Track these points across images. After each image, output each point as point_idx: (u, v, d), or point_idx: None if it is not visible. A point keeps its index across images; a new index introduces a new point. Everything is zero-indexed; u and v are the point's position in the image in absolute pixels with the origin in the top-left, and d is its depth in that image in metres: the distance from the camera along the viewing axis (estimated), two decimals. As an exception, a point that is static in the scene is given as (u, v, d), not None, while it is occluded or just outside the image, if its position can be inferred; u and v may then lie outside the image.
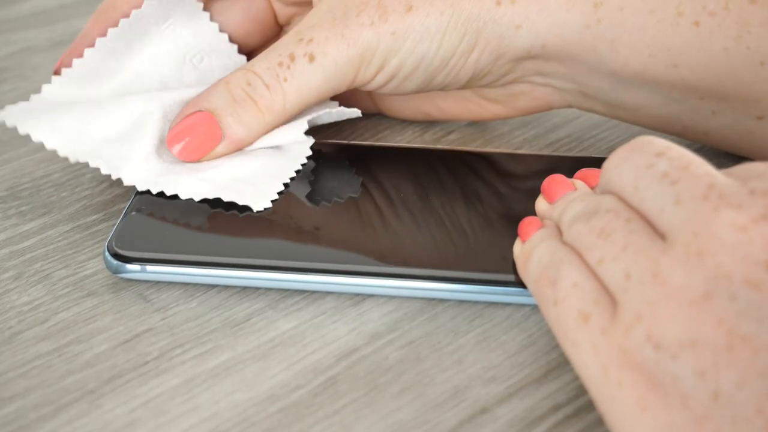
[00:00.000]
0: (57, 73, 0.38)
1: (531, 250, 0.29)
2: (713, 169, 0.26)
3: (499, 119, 0.41)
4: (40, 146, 0.41)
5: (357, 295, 0.33)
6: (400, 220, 0.34)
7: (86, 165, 0.39)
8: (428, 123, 0.43)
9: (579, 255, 0.27)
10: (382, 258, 0.32)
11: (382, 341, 0.31)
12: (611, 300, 0.25)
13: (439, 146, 0.39)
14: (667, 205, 0.25)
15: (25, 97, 0.46)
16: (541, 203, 0.32)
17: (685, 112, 0.36)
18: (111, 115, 0.35)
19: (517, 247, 0.31)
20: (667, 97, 0.35)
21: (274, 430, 0.28)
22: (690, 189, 0.25)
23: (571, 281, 0.26)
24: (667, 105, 0.36)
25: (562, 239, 0.29)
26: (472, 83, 0.37)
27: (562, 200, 0.31)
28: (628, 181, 0.27)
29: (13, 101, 0.45)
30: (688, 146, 0.37)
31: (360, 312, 0.32)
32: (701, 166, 0.25)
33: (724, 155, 0.38)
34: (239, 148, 0.36)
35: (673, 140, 0.36)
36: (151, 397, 0.29)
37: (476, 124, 0.42)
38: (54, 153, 0.41)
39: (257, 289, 0.33)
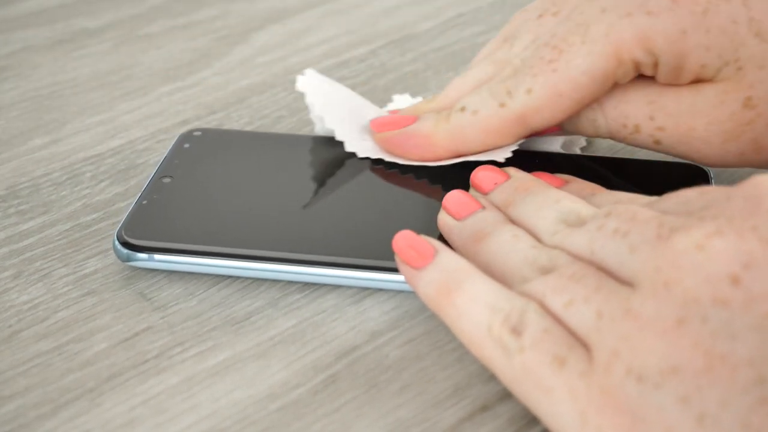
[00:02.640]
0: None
1: (463, 293, 0.27)
2: (658, 210, 0.26)
3: None
4: (40, 145, 0.42)
5: (364, 290, 0.32)
6: (404, 215, 0.34)
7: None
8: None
9: (539, 302, 0.26)
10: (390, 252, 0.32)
11: (383, 339, 0.31)
12: (583, 344, 0.25)
13: None
14: (624, 257, 0.25)
15: (25, 97, 0.46)
16: (446, 218, 0.32)
17: None
18: (353, 107, 0.40)
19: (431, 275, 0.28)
20: None
21: (274, 428, 0.28)
22: (641, 234, 0.25)
23: (542, 327, 0.25)
24: None
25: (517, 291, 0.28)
26: None
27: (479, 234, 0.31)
28: (582, 245, 0.27)
29: (13, 100, 0.45)
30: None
31: (360, 310, 0.32)
32: (647, 211, 0.26)
33: None
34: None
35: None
36: (150, 395, 0.29)
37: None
38: (53, 152, 0.41)
39: (258, 287, 0.33)
